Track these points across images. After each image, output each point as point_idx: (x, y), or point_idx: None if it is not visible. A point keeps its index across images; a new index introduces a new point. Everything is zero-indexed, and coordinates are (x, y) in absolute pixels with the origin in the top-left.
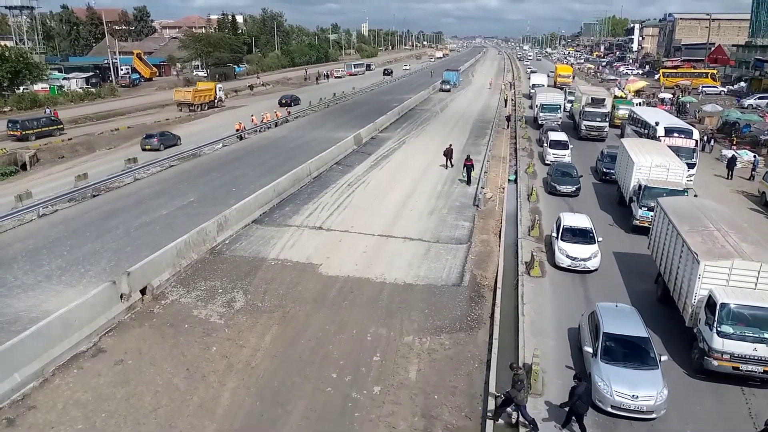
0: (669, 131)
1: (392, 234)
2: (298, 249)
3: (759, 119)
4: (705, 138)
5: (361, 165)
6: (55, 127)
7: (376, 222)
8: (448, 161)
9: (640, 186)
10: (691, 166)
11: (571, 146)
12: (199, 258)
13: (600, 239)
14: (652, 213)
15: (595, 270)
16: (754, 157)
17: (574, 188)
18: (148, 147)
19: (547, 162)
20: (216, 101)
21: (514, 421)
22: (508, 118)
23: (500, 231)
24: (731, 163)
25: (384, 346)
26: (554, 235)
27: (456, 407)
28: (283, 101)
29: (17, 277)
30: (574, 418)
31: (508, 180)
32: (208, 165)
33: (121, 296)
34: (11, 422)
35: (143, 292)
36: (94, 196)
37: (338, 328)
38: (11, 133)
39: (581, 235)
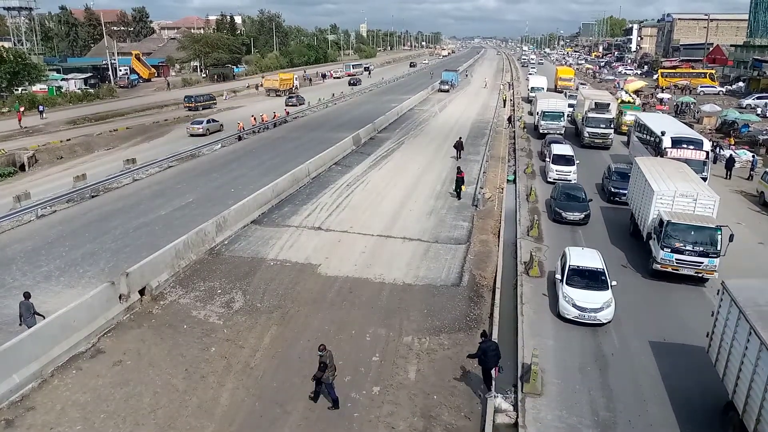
0: (676, 142)
1: (391, 234)
2: (297, 249)
3: (757, 119)
4: (713, 145)
5: (360, 165)
6: (213, 101)
7: (375, 222)
8: (459, 153)
9: (661, 221)
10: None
11: (578, 161)
12: (198, 258)
13: (614, 283)
14: (676, 256)
15: (608, 323)
16: (753, 156)
17: (583, 215)
18: (291, 103)
19: (549, 180)
20: (293, 88)
21: (513, 421)
22: (509, 119)
23: (499, 231)
24: (730, 163)
25: (383, 347)
26: (558, 276)
27: (455, 407)
28: (351, 81)
29: (16, 278)
30: (486, 371)
31: (507, 180)
32: (206, 165)
33: (120, 297)
34: (10, 423)
35: (142, 292)
36: (92, 196)
37: (337, 329)
38: (187, 105)
39: (591, 279)
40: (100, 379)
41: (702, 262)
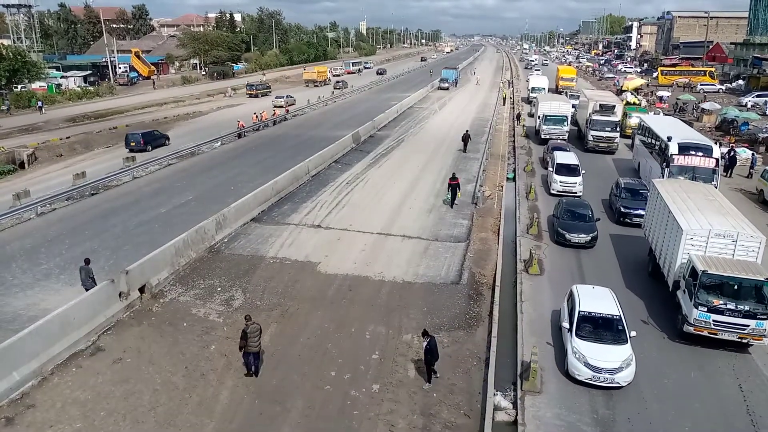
0: (684, 149)
1: (391, 232)
2: (296, 247)
3: (757, 117)
4: (726, 150)
5: (360, 163)
6: (269, 89)
7: (374, 220)
8: (465, 145)
9: (693, 270)
10: None
11: (584, 171)
12: (198, 256)
13: (633, 334)
14: (713, 316)
15: (627, 384)
16: (753, 155)
17: (589, 237)
18: (338, 87)
19: (552, 192)
20: (327, 80)
21: (512, 418)
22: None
23: (499, 229)
24: (732, 161)
25: (383, 344)
26: (565, 324)
27: (455, 405)
28: (379, 71)
29: (15, 275)
30: (431, 366)
31: (507, 178)
32: (206, 163)
33: (120, 295)
34: (10, 421)
35: (142, 290)
36: (92, 194)
37: (337, 327)
38: (249, 92)
39: (606, 328)
40: (100, 377)
41: (747, 325)
